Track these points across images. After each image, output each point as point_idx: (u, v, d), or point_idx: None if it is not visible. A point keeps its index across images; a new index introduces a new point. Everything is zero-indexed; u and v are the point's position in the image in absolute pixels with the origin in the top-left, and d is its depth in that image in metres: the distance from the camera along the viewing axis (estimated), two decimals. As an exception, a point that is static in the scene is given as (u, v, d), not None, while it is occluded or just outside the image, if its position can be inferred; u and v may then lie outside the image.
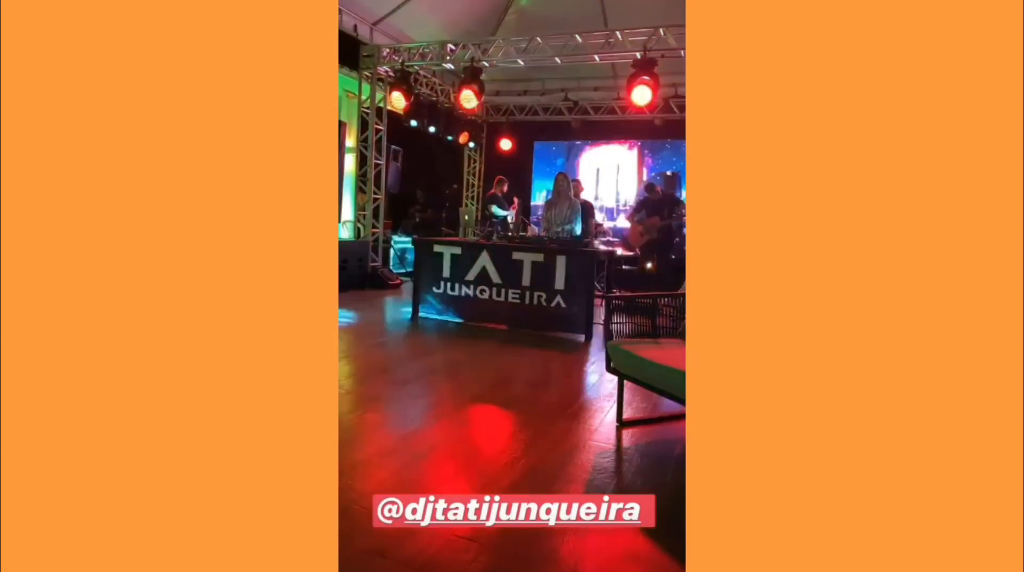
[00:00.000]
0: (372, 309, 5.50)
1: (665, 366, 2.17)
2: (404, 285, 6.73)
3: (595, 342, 4.32)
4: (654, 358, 2.26)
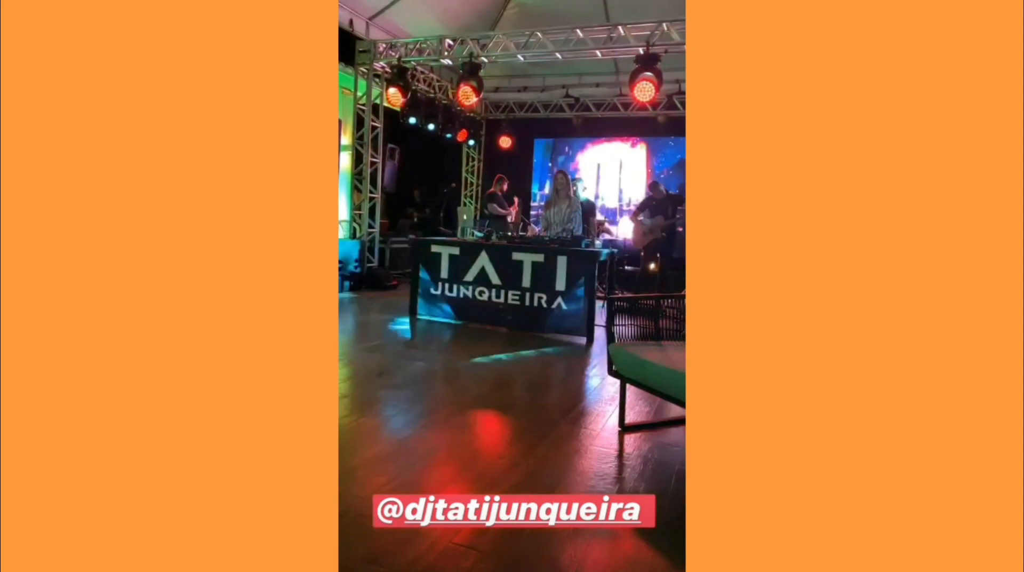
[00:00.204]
0: (369, 310, 5.43)
1: (668, 369, 2.13)
2: (401, 286, 6.65)
3: (597, 344, 4.29)
4: (657, 361, 2.24)
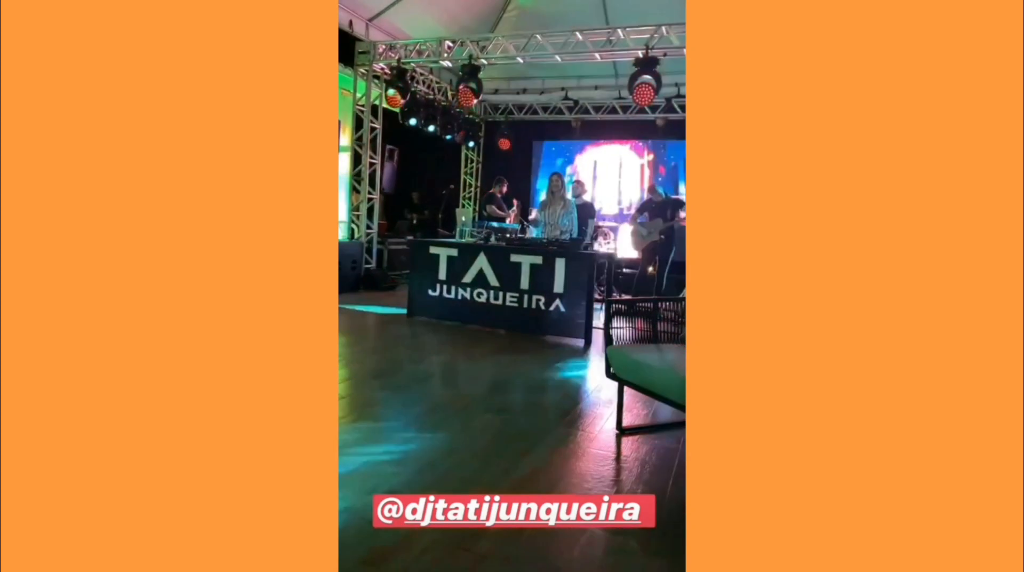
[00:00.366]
0: (367, 312, 5.41)
1: (666, 372, 2.12)
2: (399, 287, 6.64)
3: (594, 347, 4.27)
4: (655, 364, 2.23)
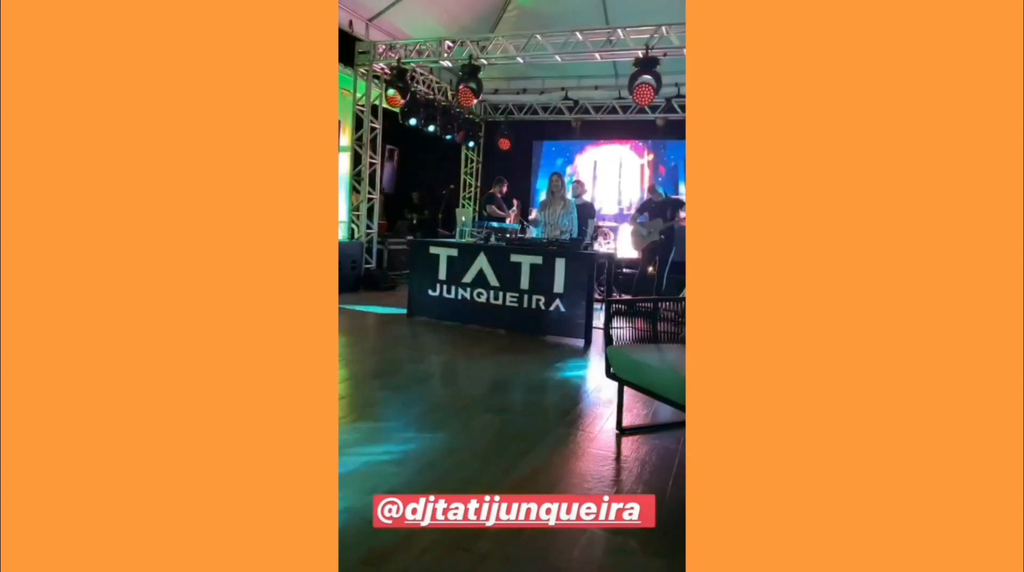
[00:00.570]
0: (366, 312, 5.40)
1: (666, 372, 2.12)
2: (399, 287, 6.63)
3: (594, 347, 4.27)
4: (655, 364, 2.23)
